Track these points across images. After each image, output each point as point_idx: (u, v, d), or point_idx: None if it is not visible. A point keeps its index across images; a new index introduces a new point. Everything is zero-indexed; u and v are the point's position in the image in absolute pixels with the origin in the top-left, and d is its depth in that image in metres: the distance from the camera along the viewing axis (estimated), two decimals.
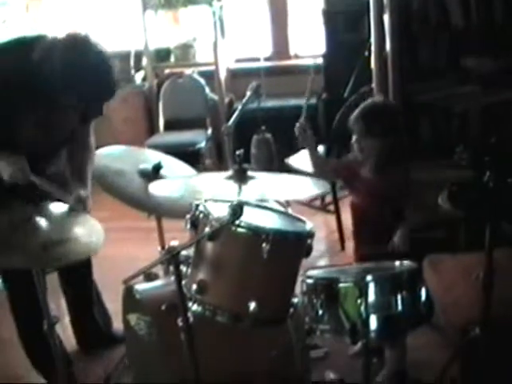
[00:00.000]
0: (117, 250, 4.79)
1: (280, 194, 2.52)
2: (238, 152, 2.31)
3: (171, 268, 2.18)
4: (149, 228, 3.36)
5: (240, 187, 2.28)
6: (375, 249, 3.05)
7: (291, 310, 2.42)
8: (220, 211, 2.20)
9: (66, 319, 3.76)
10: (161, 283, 2.82)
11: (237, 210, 2.02)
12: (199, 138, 6.32)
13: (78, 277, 3.58)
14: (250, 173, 2.35)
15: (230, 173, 2.38)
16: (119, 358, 3.36)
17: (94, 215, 2.82)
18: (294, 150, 5.01)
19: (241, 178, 2.32)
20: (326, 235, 5.15)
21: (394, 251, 3.03)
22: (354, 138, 3.14)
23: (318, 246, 4.91)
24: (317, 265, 4.22)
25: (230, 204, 2.05)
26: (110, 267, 3.65)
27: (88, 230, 2.64)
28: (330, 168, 3.39)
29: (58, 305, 3.76)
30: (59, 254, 2.49)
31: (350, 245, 4.71)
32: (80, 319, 3.75)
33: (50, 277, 3.58)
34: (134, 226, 4.75)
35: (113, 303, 3.56)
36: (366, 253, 3.13)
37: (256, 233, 2.20)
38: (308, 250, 2.35)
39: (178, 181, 2.79)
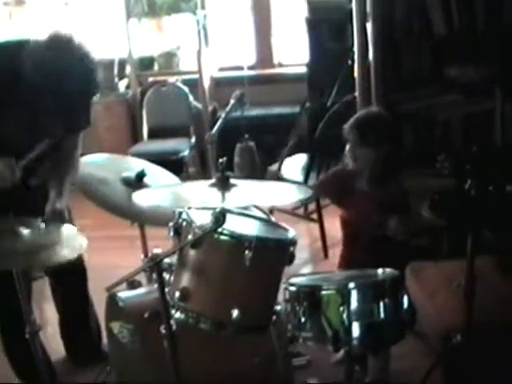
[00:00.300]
0: (100, 258, 4.76)
1: (263, 201, 2.52)
2: (220, 160, 2.32)
3: (154, 276, 2.18)
4: (132, 236, 3.35)
5: (223, 195, 2.28)
6: (369, 258, 3.01)
7: (274, 317, 2.42)
8: (203, 219, 2.20)
9: (52, 328, 3.73)
10: (144, 291, 2.82)
11: (219, 217, 2.02)
12: (183, 147, 6.32)
13: (71, 284, 3.53)
14: (232, 180, 2.36)
15: (212, 181, 2.38)
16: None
17: (77, 223, 2.81)
18: (278, 158, 5.06)
19: (224, 185, 2.32)
20: (309, 243, 5.16)
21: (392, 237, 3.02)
22: (348, 147, 3.12)
23: (302, 253, 4.92)
24: (300, 273, 4.22)
25: (212, 212, 2.05)
26: (94, 276, 3.63)
27: (70, 238, 2.63)
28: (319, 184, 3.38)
29: (45, 313, 3.73)
30: (42, 258, 2.48)
31: (333, 252, 4.76)
32: (69, 329, 3.71)
33: (37, 284, 3.58)
34: (117, 235, 4.73)
35: (97, 311, 3.55)
36: (359, 262, 3.10)
37: (238, 240, 2.21)
38: (291, 258, 2.36)
39: (161, 189, 2.79)
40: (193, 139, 6.44)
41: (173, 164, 5.60)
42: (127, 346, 2.71)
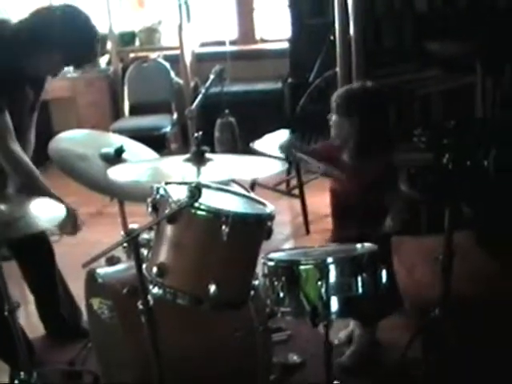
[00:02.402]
0: (82, 234, 4.76)
1: (239, 174, 2.51)
2: (196, 134, 2.30)
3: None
4: (114, 213, 3.33)
5: (198, 169, 2.27)
6: (359, 232, 3.01)
7: (252, 292, 2.42)
8: (180, 194, 2.19)
9: (32, 306, 3.73)
10: (123, 267, 2.80)
11: (195, 192, 2.01)
12: (164, 123, 6.30)
13: (38, 263, 3.53)
14: (208, 155, 2.34)
15: (188, 155, 2.36)
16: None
17: None
18: (259, 134, 5.04)
19: (199, 160, 2.31)
20: (290, 219, 5.17)
21: (389, 232, 3.01)
22: (332, 117, 3.11)
23: (283, 229, 4.94)
24: (282, 248, 4.23)
25: (187, 186, 2.04)
26: (75, 252, 3.62)
27: (44, 211, 2.64)
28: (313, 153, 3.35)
29: (24, 292, 3.72)
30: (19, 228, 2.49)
31: (314, 228, 4.78)
32: (43, 308, 3.71)
33: (12, 263, 3.57)
34: (99, 211, 4.73)
35: (78, 289, 3.54)
36: (349, 236, 3.09)
37: (215, 215, 2.20)
38: (268, 233, 2.35)
39: (137, 164, 2.78)
40: (174, 115, 6.42)
41: (155, 140, 5.58)
42: (106, 321, 2.71)
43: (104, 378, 3.05)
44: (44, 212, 2.62)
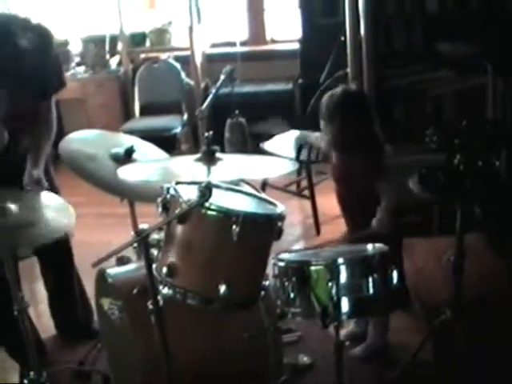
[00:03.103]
0: (93, 235, 4.78)
1: (249, 174, 2.51)
2: (206, 134, 2.30)
3: None
4: (124, 213, 3.33)
5: (209, 169, 2.27)
6: (356, 232, 3.03)
7: (262, 292, 2.42)
8: (190, 194, 2.19)
9: (44, 306, 3.74)
10: (133, 267, 2.80)
11: (205, 191, 2.01)
12: (175, 123, 6.30)
13: (58, 263, 3.55)
14: (219, 155, 2.34)
15: (198, 155, 2.36)
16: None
17: (70, 200, 2.80)
18: (269, 134, 5.03)
19: (209, 159, 2.31)
20: (301, 220, 5.15)
21: (375, 235, 2.99)
22: (321, 122, 3.16)
23: (294, 230, 4.92)
24: (292, 249, 4.22)
25: (198, 186, 2.04)
26: (85, 253, 3.62)
27: (59, 213, 2.63)
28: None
29: (35, 291, 3.72)
30: (28, 237, 2.48)
31: (325, 229, 4.77)
32: (56, 307, 3.71)
33: (27, 263, 3.58)
34: (109, 212, 4.72)
35: (89, 289, 3.54)
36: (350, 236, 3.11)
37: (226, 215, 2.20)
38: (279, 233, 2.34)
39: (147, 164, 2.77)
40: (185, 116, 6.42)
41: (165, 141, 5.58)
42: (116, 322, 2.70)
43: (114, 378, 3.05)
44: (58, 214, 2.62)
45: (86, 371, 3.31)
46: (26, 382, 2.75)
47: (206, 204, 2.13)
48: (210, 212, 2.18)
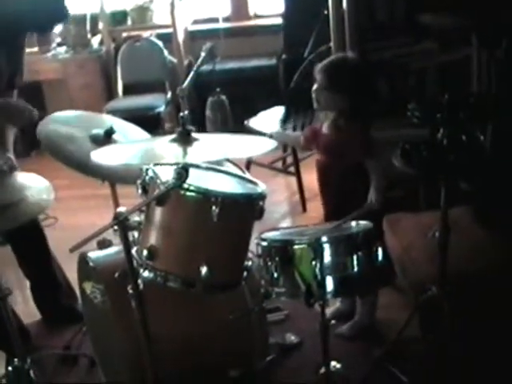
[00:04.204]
0: (77, 218, 4.75)
1: (229, 153, 2.46)
2: (181, 114, 2.25)
3: None
4: (109, 194, 3.29)
5: (185, 150, 2.22)
6: (341, 208, 2.98)
7: (245, 273, 2.38)
8: (169, 175, 2.14)
9: (29, 291, 3.70)
10: (114, 250, 2.77)
11: (182, 173, 1.97)
12: (159, 102, 6.23)
13: (32, 249, 3.50)
14: (195, 135, 2.28)
15: (173, 136, 2.31)
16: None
17: (53, 183, 2.76)
18: (254, 111, 4.99)
19: (185, 140, 2.25)
20: (287, 197, 5.12)
21: (371, 209, 2.96)
22: (314, 86, 3.07)
23: (280, 207, 4.89)
24: (279, 226, 4.19)
25: (175, 167, 2.00)
26: (69, 235, 3.58)
27: (37, 189, 2.60)
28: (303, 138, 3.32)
29: (21, 276, 3.68)
30: (12, 216, 2.46)
31: (311, 206, 4.73)
32: (38, 292, 3.68)
33: (8, 248, 3.53)
34: (93, 193, 4.67)
35: (72, 273, 3.50)
36: (333, 212, 3.07)
37: (205, 196, 2.16)
38: (260, 212, 2.31)
39: (123, 146, 2.73)
40: (169, 94, 6.35)
41: (149, 120, 5.54)
42: (99, 306, 2.68)
43: (100, 362, 3.03)
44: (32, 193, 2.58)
45: (72, 355, 3.29)
46: (10, 369, 2.72)
47: (185, 185, 2.09)
48: (188, 193, 2.15)
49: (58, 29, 6.71)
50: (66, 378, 3.19)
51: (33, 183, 2.69)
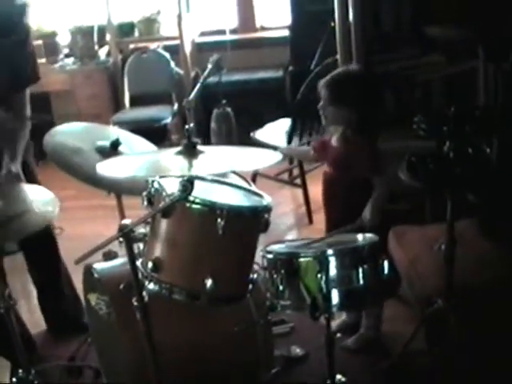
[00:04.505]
0: (84, 228, 4.75)
1: (234, 166, 2.46)
2: (187, 126, 2.25)
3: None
4: (115, 205, 3.30)
5: (190, 162, 2.22)
6: (344, 222, 2.99)
7: (251, 286, 2.38)
8: (175, 187, 2.14)
9: (36, 300, 3.70)
10: (119, 262, 2.76)
11: (187, 185, 1.97)
12: (165, 114, 6.25)
13: (43, 258, 3.52)
14: (201, 147, 2.29)
15: (179, 148, 2.31)
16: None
17: (60, 194, 2.76)
18: (260, 123, 4.99)
19: (191, 152, 2.25)
20: (293, 209, 5.12)
21: (363, 225, 2.95)
22: (320, 103, 3.08)
23: (286, 219, 4.90)
24: (285, 238, 4.19)
25: (180, 180, 2.00)
26: (76, 246, 3.58)
27: (42, 201, 2.61)
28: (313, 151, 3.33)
29: (27, 286, 3.69)
30: (16, 228, 2.46)
31: (317, 218, 4.72)
32: (45, 301, 3.68)
33: (18, 258, 3.54)
34: (100, 204, 4.68)
35: (77, 283, 3.51)
36: (336, 225, 3.07)
37: (210, 208, 2.16)
38: (266, 225, 2.30)
39: (129, 158, 2.73)
40: (175, 106, 6.37)
41: (156, 131, 5.56)
42: (104, 317, 2.67)
43: (105, 373, 3.02)
44: (37, 205, 2.59)
45: (77, 367, 3.28)
46: (14, 380, 2.72)
47: (190, 197, 2.09)
48: (194, 206, 2.14)
49: (65, 40, 6.77)
50: None
51: (38, 195, 2.69)
